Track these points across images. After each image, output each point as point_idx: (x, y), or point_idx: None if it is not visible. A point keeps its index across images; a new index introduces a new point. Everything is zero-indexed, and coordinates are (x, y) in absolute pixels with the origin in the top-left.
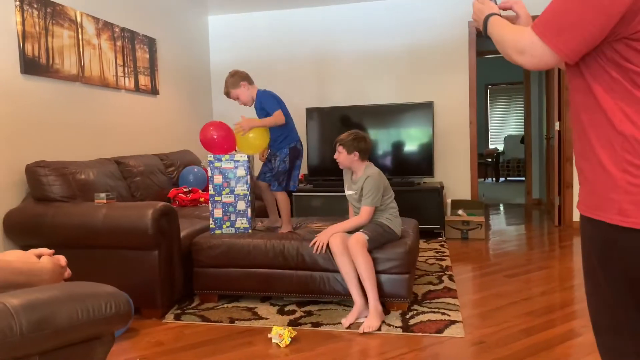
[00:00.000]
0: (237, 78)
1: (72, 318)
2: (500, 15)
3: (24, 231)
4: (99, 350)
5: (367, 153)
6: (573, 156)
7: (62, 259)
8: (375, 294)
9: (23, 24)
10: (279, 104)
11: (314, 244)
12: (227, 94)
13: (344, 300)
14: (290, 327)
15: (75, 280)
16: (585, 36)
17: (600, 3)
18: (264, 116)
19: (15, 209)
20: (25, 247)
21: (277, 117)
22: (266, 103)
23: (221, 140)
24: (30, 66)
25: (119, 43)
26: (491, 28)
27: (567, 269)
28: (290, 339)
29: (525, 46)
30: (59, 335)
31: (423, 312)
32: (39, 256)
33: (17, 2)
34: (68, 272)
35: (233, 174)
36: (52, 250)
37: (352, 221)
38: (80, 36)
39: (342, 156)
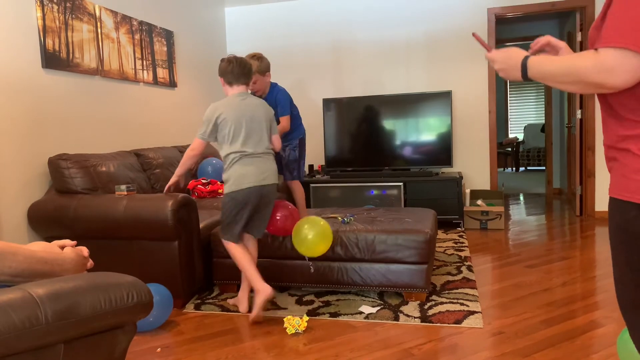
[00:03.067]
0: (265, 65)
1: (96, 307)
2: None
3: (48, 223)
4: (122, 338)
5: (226, 76)
6: (595, 145)
7: (84, 250)
8: (249, 277)
9: (43, 19)
10: (290, 107)
11: None
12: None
13: (362, 290)
14: (303, 316)
15: (97, 271)
16: None
17: None
18: (274, 109)
19: (38, 201)
20: (49, 239)
21: (285, 123)
22: (281, 103)
23: (283, 220)
24: (51, 60)
25: (137, 36)
26: (538, 67)
27: (588, 259)
28: (306, 323)
29: (611, 63)
30: (82, 324)
31: (442, 303)
32: (62, 247)
33: None
34: (90, 263)
35: None
36: (74, 242)
37: None
38: (99, 30)
39: None
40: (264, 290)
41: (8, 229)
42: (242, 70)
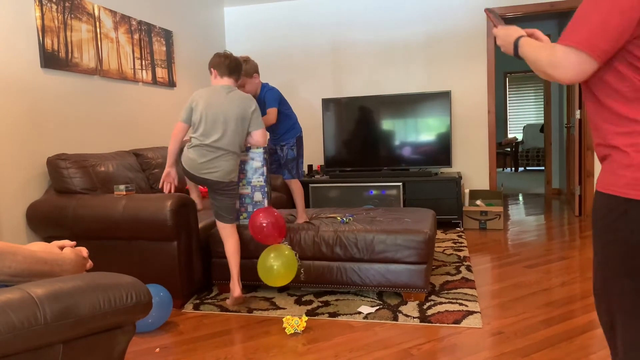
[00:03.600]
0: (252, 68)
1: (95, 308)
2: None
3: (47, 223)
4: (121, 339)
5: (220, 68)
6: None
7: (83, 250)
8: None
9: (42, 19)
10: (278, 103)
11: None
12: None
13: (361, 290)
14: (302, 316)
15: (96, 271)
16: (612, 37)
17: (619, 8)
18: (262, 109)
19: (37, 201)
20: (48, 239)
21: (270, 116)
22: (268, 98)
23: (271, 228)
24: (50, 60)
25: (136, 36)
26: (523, 49)
27: (587, 259)
28: (305, 323)
29: (560, 59)
30: (81, 324)
31: (441, 303)
32: (62, 248)
33: None
34: (90, 263)
35: (249, 165)
36: (74, 242)
37: None
38: (98, 30)
39: None
40: (233, 292)
41: (7, 228)
42: (235, 66)
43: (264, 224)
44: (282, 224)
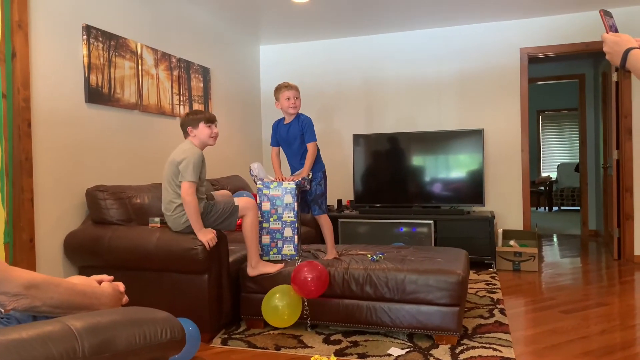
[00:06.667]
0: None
1: (131, 342)
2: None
3: (82, 252)
4: None
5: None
6: (633, 187)
7: (120, 285)
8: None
9: (89, 57)
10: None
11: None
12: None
13: (391, 331)
14: (331, 356)
15: (129, 302)
16: None
17: None
18: (296, 139)
19: (75, 231)
20: (83, 268)
21: (315, 150)
22: (308, 130)
23: (316, 281)
24: (94, 95)
25: (175, 73)
26: (634, 60)
27: (628, 306)
28: None
29: None
30: (117, 359)
31: (473, 347)
32: (100, 282)
33: (85, 36)
34: (126, 298)
35: (281, 200)
36: (112, 277)
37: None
38: (140, 67)
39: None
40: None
41: (44, 256)
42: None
43: (309, 278)
44: (326, 279)
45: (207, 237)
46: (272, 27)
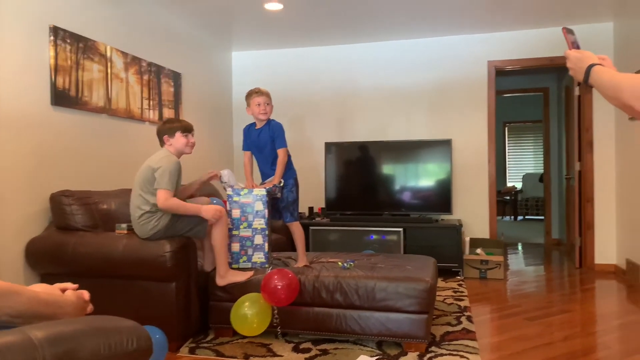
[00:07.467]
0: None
1: (95, 353)
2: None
3: (46, 259)
4: None
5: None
6: (594, 197)
7: (85, 294)
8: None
9: (56, 58)
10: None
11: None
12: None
13: (360, 339)
14: None
15: (94, 310)
16: None
17: None
18: (267, 144)
19: (37, 237)
20: (46, 275)
21: (285, 156)
22: (279, 136)
23: (286, 289)
24: (60, 98)
25: (145, 77)
26: (597, 76)
27: (589, 313)
28: None
29: None
30: None
31: (441, 354)
32: (64, 290)
33: (52, 38)
34: (90, 307)
35: (251, 208)
36: (76, 285)
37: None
38: (109, 70)
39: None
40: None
41: (5, 263)
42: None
43: (279, 286)
44: (296, 287)
45: (210, 212)
46: (245, 34)
